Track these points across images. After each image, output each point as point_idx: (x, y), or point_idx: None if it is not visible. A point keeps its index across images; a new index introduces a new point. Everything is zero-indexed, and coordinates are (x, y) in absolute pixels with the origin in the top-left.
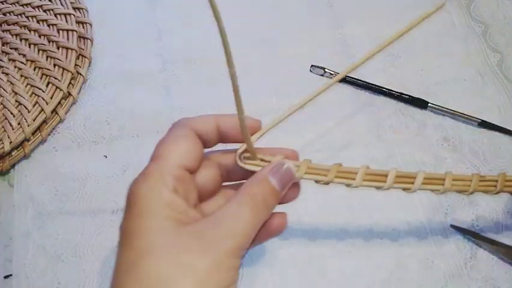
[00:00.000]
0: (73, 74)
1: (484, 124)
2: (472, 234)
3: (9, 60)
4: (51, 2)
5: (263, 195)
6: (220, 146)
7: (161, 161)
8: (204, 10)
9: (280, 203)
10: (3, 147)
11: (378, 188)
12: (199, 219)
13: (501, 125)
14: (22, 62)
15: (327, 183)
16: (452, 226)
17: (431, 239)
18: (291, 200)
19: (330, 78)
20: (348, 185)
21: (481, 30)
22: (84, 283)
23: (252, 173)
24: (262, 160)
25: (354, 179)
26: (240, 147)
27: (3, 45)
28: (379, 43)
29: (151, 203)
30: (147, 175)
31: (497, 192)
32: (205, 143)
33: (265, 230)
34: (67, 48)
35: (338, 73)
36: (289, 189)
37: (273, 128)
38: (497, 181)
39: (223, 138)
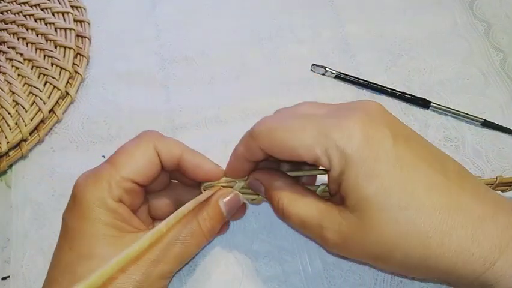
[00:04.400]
0: (70, 73)
1: (487, 124)
2: None
3: (7, 59)
4: (49, 0)
5: (211, 223)
6: None
7: (116, 169)
8: (204, 9)
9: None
10: (0, 147)
11: None
12: (140, 226)
13: (504, 125)
14: (19, 61)
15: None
16: None
17: None
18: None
19: (331, 77)
20: None
21: (484, 29)
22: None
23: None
24: (223, 186)
25: None
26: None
27: (0, 44)
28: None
29: (95, 209)
30: (98, 178)
31: None
32: (163, 165)
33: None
34: (65, 47)
35: (339, 72)
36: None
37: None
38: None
39: (180, 169)
